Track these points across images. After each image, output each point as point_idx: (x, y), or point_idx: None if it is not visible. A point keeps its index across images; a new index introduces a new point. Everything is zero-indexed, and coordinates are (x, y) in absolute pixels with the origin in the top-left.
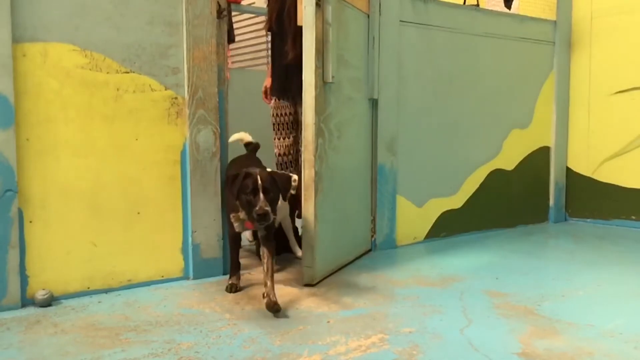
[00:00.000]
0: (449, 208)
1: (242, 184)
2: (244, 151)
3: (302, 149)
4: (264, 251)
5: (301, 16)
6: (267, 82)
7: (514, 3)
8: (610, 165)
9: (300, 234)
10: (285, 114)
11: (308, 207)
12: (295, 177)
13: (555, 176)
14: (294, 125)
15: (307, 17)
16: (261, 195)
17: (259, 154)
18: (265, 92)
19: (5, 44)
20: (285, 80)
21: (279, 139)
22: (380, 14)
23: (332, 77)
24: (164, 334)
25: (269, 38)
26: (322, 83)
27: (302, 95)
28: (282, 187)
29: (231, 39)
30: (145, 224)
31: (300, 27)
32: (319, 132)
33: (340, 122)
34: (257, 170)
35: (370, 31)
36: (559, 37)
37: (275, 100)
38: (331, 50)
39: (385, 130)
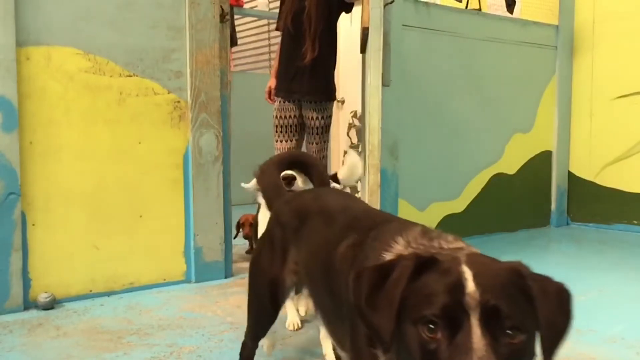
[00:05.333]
0: (451, 212)
1: (413, 290)
2: (245, 152)
3: (367, 153)
4: None
5: (367, 18)
6: (272, 82)
7: (516, 7)
8: (612, 170)
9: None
10: (290, 116)
11: None
12: None
13: (557, 180)
14: (298, 128)
15: (375, 19)
16: (477, 333)
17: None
18: (269, 93)
19: (9, 47)
20: (293, 82)
21: (280, 142)
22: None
23: (390, 80)
24: (166, 337)
25: (270, 40)
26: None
27: (310, 97)
28: (544, 308)
29: (233, 42)
30: (148, 227)
31: (323, 29)
32: None
33: None
34: (458, 252)
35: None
36: (561, 41)
37: (279, 101)
38: (392, 53)
39: (387, 134)
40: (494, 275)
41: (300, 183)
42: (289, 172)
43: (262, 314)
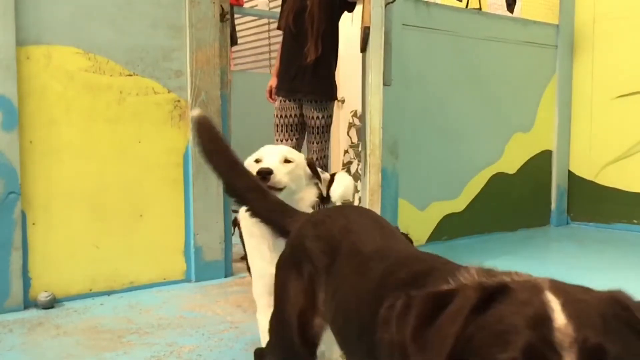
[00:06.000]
0: (451, 211)
1: (480, 327)
2: (245, 151)
3: (367, 152)
4: None
5: (367, 17)
6: (273, 81)
7: (516, 7)
8: (612, 169)
9: None
10: (291, 115)
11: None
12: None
13: (557, 180)
14: (298, 128)
15: (376, 18)
16: None
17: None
18: (270, 92)
19: (9, 46)
20: (295, 81)
21: (281, 141)
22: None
23: (391, 80)
24: (166, 336)
25: (270, 40)
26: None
27: (312, 97)
28: None
29: (234, 41)
30: (148, 227)
31: (326, 28)
32: None
33: None
34: (538, 280)
35: None
36: (561, 40)
37: (280, 100)
38: (392, 53)
39: (387, 134)
40: (589, 306)
41: (280, 176)
42: (265, 166)
43: (289, 349)
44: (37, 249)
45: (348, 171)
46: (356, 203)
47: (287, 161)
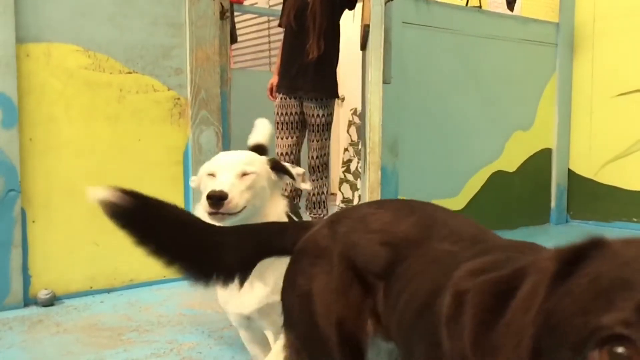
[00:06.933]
0: (451, 209)
1: (565, 295)
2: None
3: (367, 150)
4: None
5: (367, 15)
6: (274, 79)
7: (516, 5)
8: (612, 168)
9: None
10: (291, 113)
11: None
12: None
13: (557, 178)
14: (299, 125)
15: (376, 16)
16: None
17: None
18: (271, 90)
19: (9, 44)
20: (296, 79)
21: (281, 139)
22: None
23: (391, 78)
24: (166, 334)
25: (270, 38)
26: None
27: (313, 94)
28: None
29: (233, 39)
30: None
31: (327, 26)
32: None
33: None
34: None
35: None
36: (561, 39)
37: (281, 98)
38: (392, 51)
39: (387, 132)
40: None
41: (237, 200)
42: (218, 189)
43: None
44: (37, 247)
45: (348, 170)
46: (355, 202)
47: (245, 174)
